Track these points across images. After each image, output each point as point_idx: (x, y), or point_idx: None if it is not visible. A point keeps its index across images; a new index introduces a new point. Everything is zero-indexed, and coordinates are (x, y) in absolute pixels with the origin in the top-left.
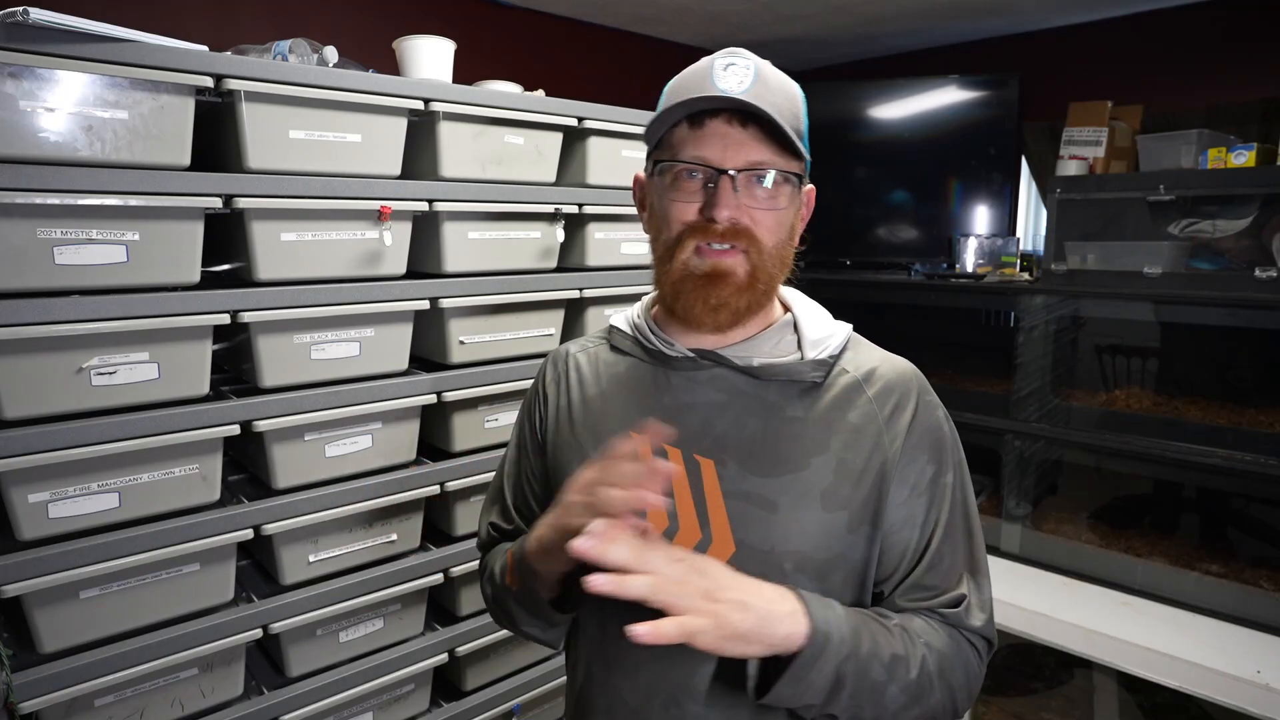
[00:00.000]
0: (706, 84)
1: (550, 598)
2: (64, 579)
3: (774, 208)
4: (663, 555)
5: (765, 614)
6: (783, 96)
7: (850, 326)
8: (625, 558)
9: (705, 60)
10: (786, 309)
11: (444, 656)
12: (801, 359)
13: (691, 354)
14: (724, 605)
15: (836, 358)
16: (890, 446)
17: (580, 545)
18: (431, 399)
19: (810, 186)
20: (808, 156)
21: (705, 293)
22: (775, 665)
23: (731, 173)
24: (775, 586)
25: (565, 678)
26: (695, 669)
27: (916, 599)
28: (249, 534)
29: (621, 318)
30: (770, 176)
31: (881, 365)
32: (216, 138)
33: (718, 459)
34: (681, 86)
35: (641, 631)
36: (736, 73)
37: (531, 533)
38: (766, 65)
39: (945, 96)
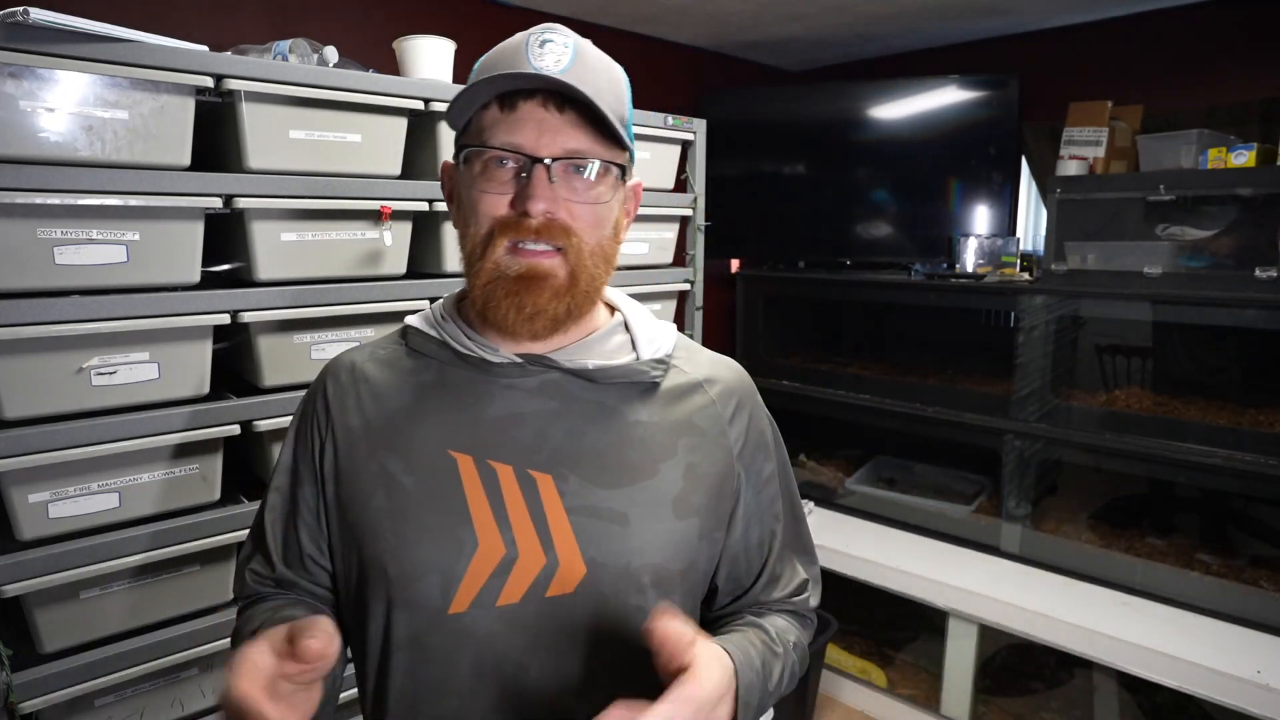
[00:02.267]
0: (520, 62)
1: None
2: (64, 579)
3: (595, 201)
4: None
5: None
6: (606, 79)
7: (675, 327)
8: None
9: (519, 36)
10: (614, 310)
11: None
12: (638, 359)
13: (519, 359)
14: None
15: (671, 357)
16: (735, 448)
17: None
18: None
19: (636, 181)
20: (632, 147)
21: (519, 299)
22: None
23: (547, 161)
24: (719, 663)
25: None
26: None
27: (770, 592)
28: None
29: (419, 318)
30: (592, 167)
31: (717, 366)
32: (217, 138)
33: (556, 473)
34: (491, 64)
35: None
36: (554, 50)
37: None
38: (588, 45)
39: (945, 96)
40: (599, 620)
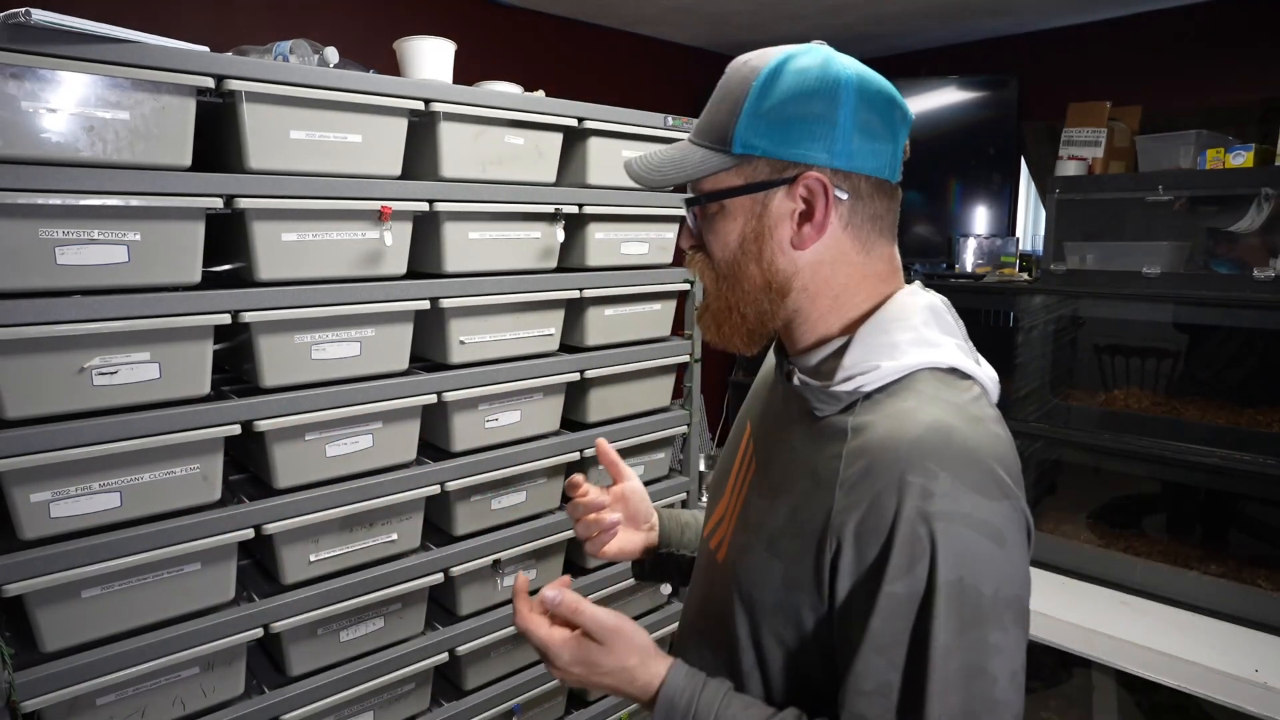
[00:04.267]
0: None
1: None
2: (65, 578)
3: (711, 230)
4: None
5: (614, 687)
6: (716, 104)
7: (934, 360)
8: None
9: None
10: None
11: (444, 656)
12: (825, 385)
13: (776, 355)
14: (588, 681)
15: (866, 396)
16: (838, 517)
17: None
18: (431, 399)
19: (796, 177)
20: (756, 149)
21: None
22: None
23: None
24: (656, 660)
25: None
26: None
27: None
28: (250, 533)
29: None
30: (705, 202)
31: (891, 420)
32: (217, 138)
33: (759, 463)
34: None
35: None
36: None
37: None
38: (735, 64)
39: (945, 97)
40: (716, 603)
